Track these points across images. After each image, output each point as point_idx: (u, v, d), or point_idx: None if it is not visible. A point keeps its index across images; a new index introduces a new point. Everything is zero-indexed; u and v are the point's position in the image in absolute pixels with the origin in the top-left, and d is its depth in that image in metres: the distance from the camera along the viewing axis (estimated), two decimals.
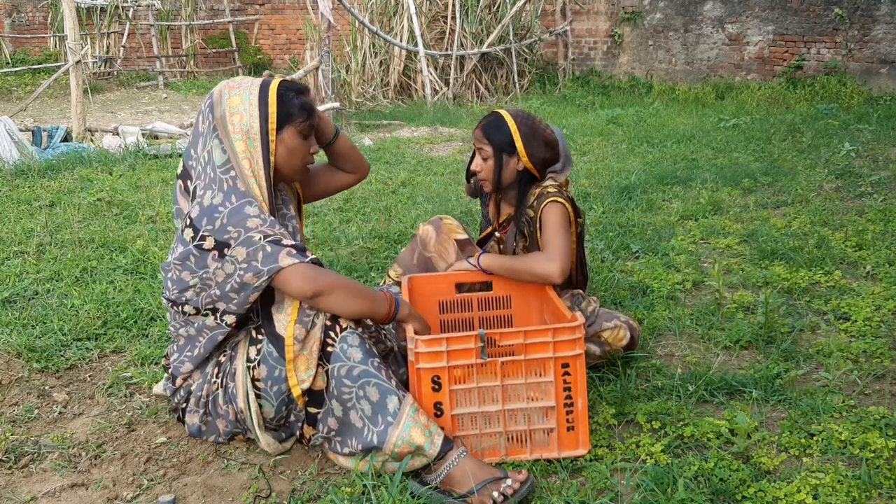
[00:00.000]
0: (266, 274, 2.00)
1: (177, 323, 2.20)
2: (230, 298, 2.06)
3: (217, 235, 2.02)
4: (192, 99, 12.06)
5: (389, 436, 1.98)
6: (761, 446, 2.16)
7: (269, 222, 2.06)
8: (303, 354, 2.04)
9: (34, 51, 15.49)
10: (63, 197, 5.10)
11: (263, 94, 2.13)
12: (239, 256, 2.01)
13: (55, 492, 2.04)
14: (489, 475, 1.96)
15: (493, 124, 2.65)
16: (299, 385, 2.04)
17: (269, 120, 2.11)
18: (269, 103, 2.12)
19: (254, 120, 2.10)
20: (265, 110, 2.11)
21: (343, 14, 10.49)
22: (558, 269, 2.43)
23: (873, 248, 3.80)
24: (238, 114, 2.11)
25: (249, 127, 2.10)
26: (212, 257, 2.03)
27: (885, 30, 9.71)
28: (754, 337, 2.85)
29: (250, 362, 2.09)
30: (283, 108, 2.13)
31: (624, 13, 11.65)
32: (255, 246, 2.00)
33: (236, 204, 2.05)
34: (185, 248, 2.06)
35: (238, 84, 2.16)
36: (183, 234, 2.08)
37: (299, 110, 2.15)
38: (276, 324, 2.08)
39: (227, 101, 2.13)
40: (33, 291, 3.41)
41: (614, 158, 6.37)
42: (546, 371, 2.09)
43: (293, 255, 2.02)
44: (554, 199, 2.56)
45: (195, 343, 2.18)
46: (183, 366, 2.21)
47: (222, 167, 2.10)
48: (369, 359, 2.05)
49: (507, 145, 2.62)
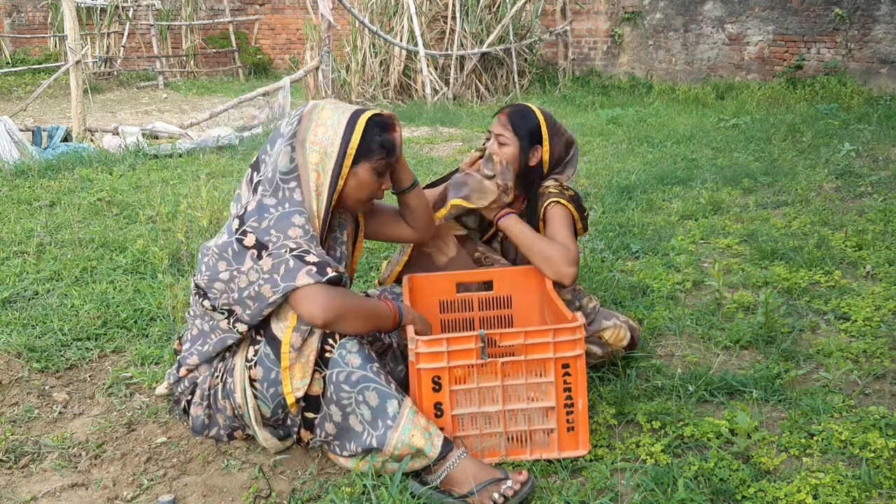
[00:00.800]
0: (281, 291, 2.01)
1: (196, 311, 2.21)
2: (246, 306, 2.07)
3: (259, 235, 2.05)
4: (192, 99, 12.06)
5: (389, 439, 1.98)
6: (761, 446, 2.16)
7: (309, 235, 2.07)
8: (299, 362, 2.04)
9: (34, 51, 15.49)
10: (63, 197, 5.10)
11: (352, 121, 2.16)
12: (265, 266, 2.03)
13: (55, 492, 2.04)
14: (490, 476, 1.96)
15: (520, 113, 2.62)
16: (294, 393, 2.04)
17: (350, 146, 2.15)
18: (354, 131, 2.15)
19: (336, 138, 2.14)
20: (349, 136, 2.15)
21: (343, 14, 10.49)
22: (574, 274, 2.44)
23: (873, 248, 3.80)
24: (323, 126, 2.15)
25: (329, 143, 2.14)
26: (250, 255, 2.05)
27: (885, 30, 9.71)
28: (754, 337, 2.85)
29: (248, 362, 2.11)
30: (364, 142, 2.17)
31: (624, 13, 11.65)
32: (280, 259, 2.02)
33: (287, 210, 2.08)
34: (229, 239, 2.08)
35: (335, 103, 2.22)
36: (231, 223, 2.10)
37: (379, 148, 2.19)
38: (273, 328, 2.08)
39: (319, 112, 2.17)
40: (33, 291, 3.41)
41: (614, 158, 6.37)
42: (546, 371, 2.09)
43: (312, 274, 2.01)
44: (556, 200, 2.55)
45: (207, 339, 2.19)
46: (191, 357, 2.22)
47: (285, 174, 2.12)
48: (368, 364, 2.05)
49: (534, 135, 2.60)
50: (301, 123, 2.17)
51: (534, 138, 2.61)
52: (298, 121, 2.18)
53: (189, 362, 2.23)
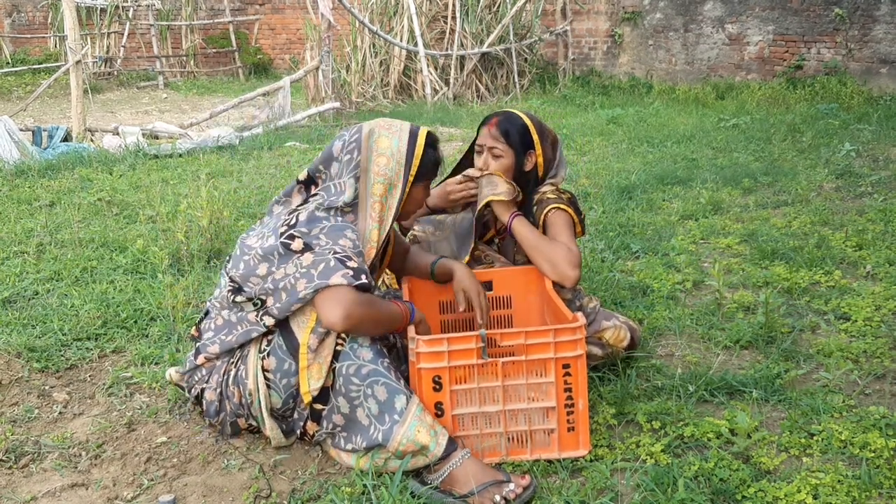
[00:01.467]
0: (313, 287, 2.02)
1: (223, 302, 2.21)
2: (279, 297, 2.08)
3: (308, 239, 2.07)
4: (192, 99, 12.06)
5: (395, 434, 1.98)
6: (761, 446, 2.16)
7: (357, 250, 2.10)
8: (316, 362, 2.06)
9: (34, 51, 15.49)
10: (63, 197, 5.10)
11: (411, 146, 2.21)
12: (305, 262, 2.05)
13: (55, 492, 2.04)
14: (491, 478, 1.96)
15: (509, 121, 2.61)
16: (311, 393, 2.05)
17: (411, 174, 2.20)
18: (414, 156, 2.20)
19: (399, 168, 2.19)
20: (410, 163, 2.20)
21: (343, 14, 10.49)
22: (577, 277, 2.45)
23: (873, 248, 3.80)
24: (385, 157, 2.18)
25: (395, 174, 2.18)
26: (294, 258, 2.07)
27: (885, 30, 9.71)
28: (754, 337, 2.85)
29: (261, 352, 2.12)
30: (425, 163, 2.23)
31: (624, 13, 11.65)
32: (322, 257, 2.04)
33: (339, 223, 2.12)
34: (275, 243, 2.09)
35: (389, 126, 2.24)
36: (279, 227, 2.12)
37: (433, 167, 2.27)
38: (290, 321, 2.09)
39: (377, 140, 2.19)
40: (33, 291, 3.41)
41: (614, 158, 6.37)
42: (547, 371, 2.09)
43: (347, 276, 2.02)
44: (557, 206, 2.55)
45: (232, 330, 2.19)
46: (212, 346, 2.22)
47: (348, 204, 2.16)
48: (379, 359, 2.06)
49: (527, 143, 2.60)
50: (360, 153, 2.19)
51: (526, 144, 2.61)
52: (357, 149, 2.19)
53: (210, 350, 2.23)
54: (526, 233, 2.54)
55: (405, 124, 2.26)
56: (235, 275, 2.15)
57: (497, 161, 2.61)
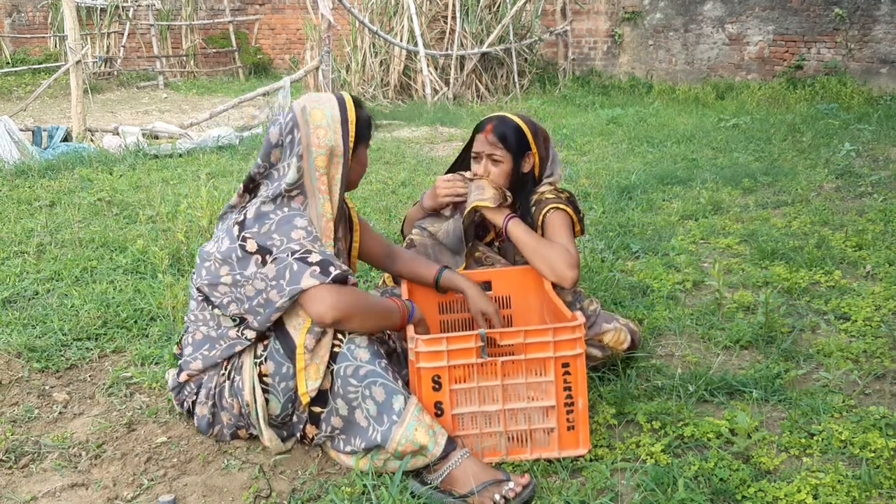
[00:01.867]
0: (288, 295, 2.02)
1: (201, 316, 2.20)
2: (256, 313, 2.08)
3: (260, 240, 2.06)
4: (192, 99, 12.06)
5: (393, 434, 1.98)
6: (761, 446, 2.16)
7: (312, 236, 2.08)
8: (314, 363, 2.05)
9: (34, 51, 15.49)
10: (63, 197, 5.10)
11: (343, 112, 2.18)
12: (269, 273, 2.04)
13: (55, 492, 2.04)
14: (491, 477, 1.96)
15: (505, 125, 2.60)
16: (309, 393, 2.05)
17: (351, 137, 2.18)
18: (349, 121, 2.18)
19: (338, 136, 2.16)
20: (347, 128, 2.17)
21: (343, 14, 10.49)
22: (576, 276, 2.44)
23: (873, 248, 3.80)
24: (322, 128, 2.15)
25: (334, 143, 2.15)
26: (254, 261, 2.06)
27: (885, 30, 9.71)
28: (754, 337, 2.85)
29: (257, 358, 2.11)
30: (360, 125, 2.22)
31: (624, 13, 11.65)
32: (284, 263, 2.03)
33: (288, 214, 2.10)
34: (232, 245, 2.09)
35: (317, 99, 2.21)
36: (231, 229, 2.11)
37: (367, 127, 2.26)
38: (286, 324, 2.09)
39: (310, 114, 2.16)
40: (33, 291, 3.41)
41: (614, 158, 6.37)
42: (546, 371, 2.09)
43: (315, 275, 2.02)
44: (556, 206, 2.55)
45: (214, 346, 2.19)
46: (194, 363, 2.22)
47: (291, 185, 2.13)
48: (376, 359, 2.05)
49: (523, 145, 2.60)
50: (300, 129, 2.15)
51: (523, 146, 2.61)
52: (295, 127, 2.16)
53: (193, 367, 2.22)
54: (522, 235, 2.54)
55: (329, 94, 2.24)
56: (201, 284, 2.14)
57: (497, 167, 2.59)
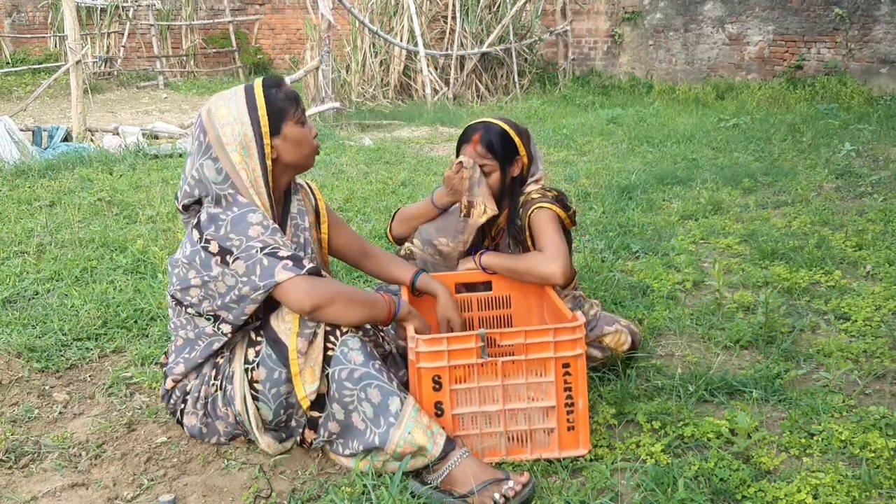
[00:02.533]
0: (262, 289, 2.02)
1: (178, 322, 2.20)
2: (230, 308, 2.08)
3: (220, 241, 2.04)
4: (193, 99, 12.06)
5: (391, 436, 1.98)
6: (761, 446, 2.16)
7: (270, 229, 2.06)
8: (308, 366, 2.05)
9: (34, 51, 15.49)
10: (63, 197, 5.10)
11: (251, 101, 2.13)
12: (239, 270, 2.03)
13: (55, 491, 2.04)
14: (491, 476, 1.96)
15: (491, 133, 2.56)
16: (308, 397, 2.04)
17: (262, 125, 2.11)
18: (257, 107, 2.12)
19: (246, 128, 2.11)
20: (255, 115, 2.11)
21: (343, 14, 10.49)
22: (560, 269, 2.41)
23: (873, 248, 3.80)
24: (229, 125, 2.11)
25: (243, 136, 2.10)
26: (215, 262, 2.04)
27: (885, 30, 9.71)
28: (754, 337, 2.85)
29: (248, 364, 2.10)
30: (272, 107, 2.13)
31: (624, 13, 11.65)
32: (253, 259, 2.02)
33: (238, 213, 2.06)
34: (194, 248, 2.08)
35: (222, 96, 2.17)
36: (192, 233, 2.10)
37: (288, 102, 2.16)
38: (275, 329, 2.08)
39: (216, 114, 2.12)
40: (33, 291, 3.41)
41: (614, 158, 6.37)
42: (546, 371, 2.09)
43: (289, 267, 2.01)
44: (540, 206, 2.53)
45: (193, 347, 2.19)
46: (177, 367, 2.22)
47: (219, 183, 2.10)
48: (370, 361, 2.05)
49: (511, 150, 2.58)
50: (207, 133, 2.12)
51: (510, 152, 2.58)
52: (201, 132, 2.13)
53: (175, 372, 2.22)
54: (498, 263, 2.58)
55: (239, 87, 2.19)
56: (174, 291, 2.15)
57: (488, 177, 2.57)
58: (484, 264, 2.61)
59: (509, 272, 2.56)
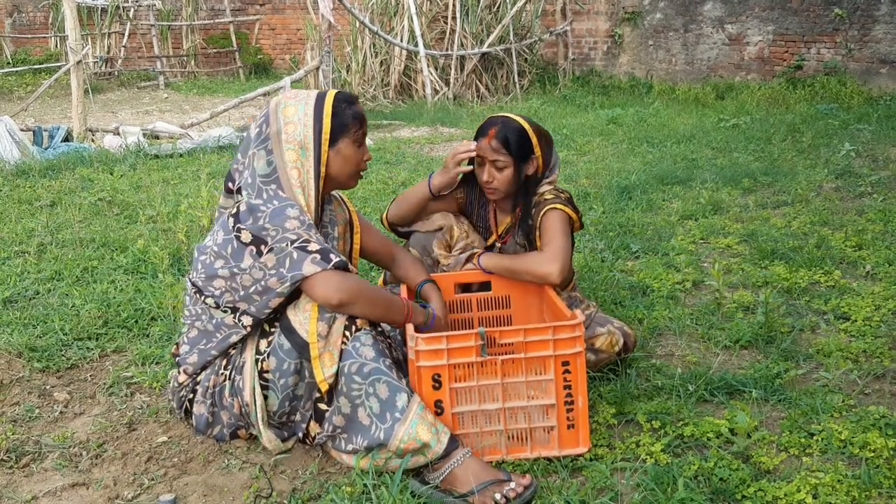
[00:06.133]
0: (290, 281, 2.04)
1: (194, 311, 2.21)
2: (252, 300, 2.09)
3: (255, 231, 2.07)
4: (193, 99, 12.06)
5: (396, 431, 1.98)
6: (761, 446, 2.16)
7: (306, 224, 2.10)
8: (327, 351, 2.06)
9: (35, 51, 15.50)
10: (64, 197, 5.11)
11: (319, 107, 2.19)
12: (269, 263, 2.05)
13: (56, 491, 2.04)
14: (492, 477, 1.96)
15: (508, 129, 2.54)
16: (326, 381, 2.06)
17: (323, 132, 2.17)
18: (323, 115, 2.18)
19: (308, 130, 2.17)
20: (319, 124, 2.17)
21: (343, 14, 10.49)
22: (558, 269, 2.41)
23: (873, 248, 3.80)
24: (292, 124, 2.17)
25: (303, 137, 2.16)
26: (249, 252, 2.07)
27: (885, 30, 9.71)
28: (754, 337, 2.86)
29: (259, 354, 2.12)
30: (337, 120, 2.20)
31: (624, 13, 11.65)
32: (283, 253, 2.05)
33: (279, 206, 2.10)
34: (227, 237, 2.10)
35: (295, 95, 2.23)
36: (227, 222, 2.12)
37: (352, 120, 2.23)
38: (290, 319, 2.09)
39: (283, 110, 2.18)
40: (34, 291, 3.41)
41: (614, 158, 6.37)
42: (546, 369, 2.09)
43: (317, 261, 2.04)
44: (553, 206, 2.54)
45: (211, 339, 2.19)
46: (190, 357, 2.23)
47: (264, 177, 2.14)
48: (381, 357, 2.06)
49: (527, 149, 2.56)
50: (269, 125, 2.18)
51: (527, 150, 2.57)
52: (265, 122, 2.19)
53: (189, 362, 2.23)
54: (496, 263, 2.59)
55: (313, 91, 2.25)
56: (197, 279, 2.16)
57: (501, 172, 2.56)
58: (483, 265, 2.61)
59: (508, 272, 2.57)
